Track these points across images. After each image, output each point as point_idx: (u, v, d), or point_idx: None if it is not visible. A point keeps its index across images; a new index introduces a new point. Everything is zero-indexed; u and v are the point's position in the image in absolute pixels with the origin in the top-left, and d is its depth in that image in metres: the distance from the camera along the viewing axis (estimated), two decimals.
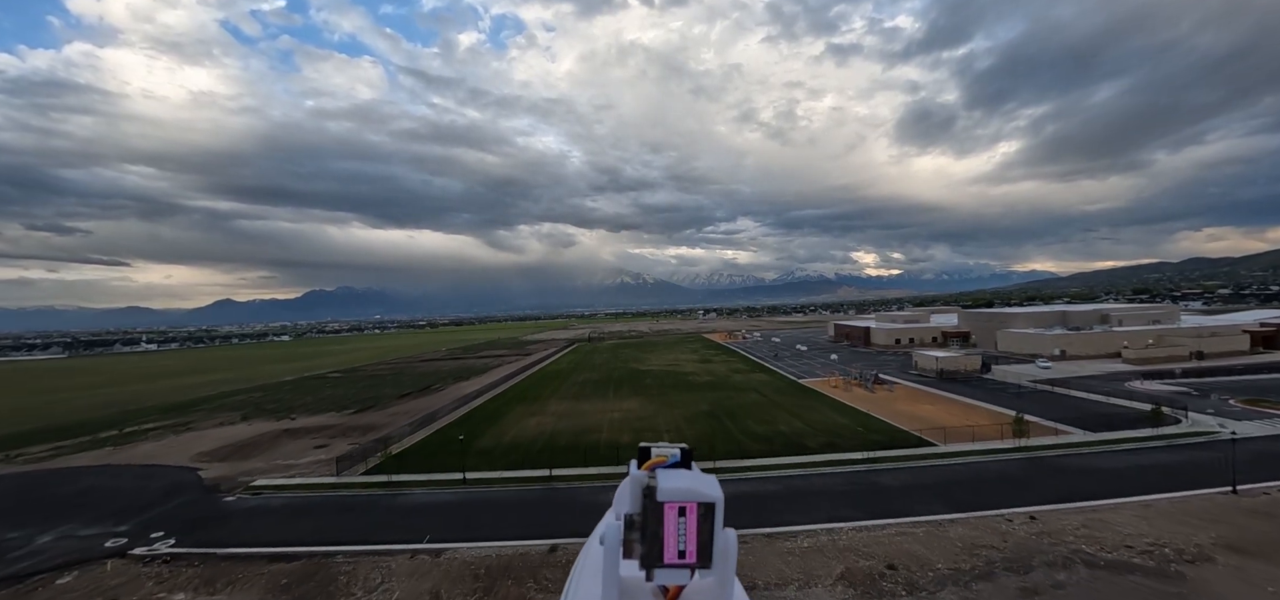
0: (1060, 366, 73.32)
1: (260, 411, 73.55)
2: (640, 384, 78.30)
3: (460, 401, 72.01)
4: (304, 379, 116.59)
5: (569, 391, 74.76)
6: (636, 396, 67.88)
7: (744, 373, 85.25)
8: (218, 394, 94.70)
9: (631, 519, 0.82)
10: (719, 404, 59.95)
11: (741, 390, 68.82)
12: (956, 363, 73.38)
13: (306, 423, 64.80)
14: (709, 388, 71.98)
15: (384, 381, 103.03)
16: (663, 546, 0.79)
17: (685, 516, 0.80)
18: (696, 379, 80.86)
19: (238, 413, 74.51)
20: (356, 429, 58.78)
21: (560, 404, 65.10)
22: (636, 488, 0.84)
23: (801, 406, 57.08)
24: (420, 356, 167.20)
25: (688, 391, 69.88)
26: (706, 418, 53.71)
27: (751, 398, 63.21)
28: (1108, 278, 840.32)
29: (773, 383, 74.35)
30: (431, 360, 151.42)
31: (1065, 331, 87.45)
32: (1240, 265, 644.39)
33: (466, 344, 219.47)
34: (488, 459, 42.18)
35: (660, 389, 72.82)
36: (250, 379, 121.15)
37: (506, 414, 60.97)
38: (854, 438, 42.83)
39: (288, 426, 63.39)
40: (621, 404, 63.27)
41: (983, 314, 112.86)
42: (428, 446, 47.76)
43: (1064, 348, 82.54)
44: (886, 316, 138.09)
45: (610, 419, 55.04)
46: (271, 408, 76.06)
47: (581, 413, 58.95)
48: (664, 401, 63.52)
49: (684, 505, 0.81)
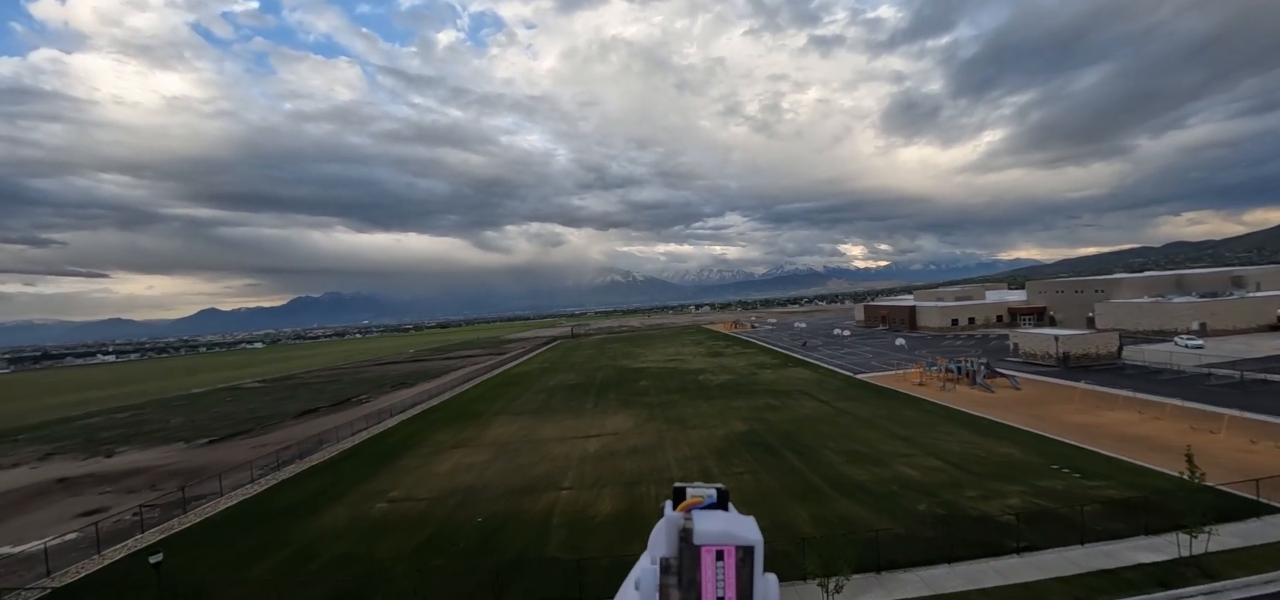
0: (1210, 345, 51.76)
1: (82, 444, 50.49)
2: (633, 388, 55.54)
3: (373, 419, 49.16)
4: (213, 391, 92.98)
5: (530, 403, 51.87)
6: (627, 409, 45.13)
7: (774, 368, 62.78)
8: (60, 420, 70.78)
9: (668, 563, 0.78)
10: (762, 421, 37.30)
11: (785, 394, 46.23)
12: (1087, 343, 51.28)
13: (122, 464, 42.10)
14: (734, 391, 49.31)
15: (304, 392, 79.87)
16: (701, 592, 0.76)
17: (723, 561, 0.77)
18: (710, 378, 58.20)
19: (51, 445, 51.48)
20: (183, 473, 36.48)
21: (509, 426, 42.18)
22: (672, 530, 0.79)
23: (900, 421, 34.66)
24: (379, 360, 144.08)
25: (703, 398, 47.17)
26: (751, 448, 31.03)
27: (807, 407, 40.66)
28: (1093, 263, 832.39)
29: (825, 381, 51.82)
30: (387, 363, 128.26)
31: (1196, 299, 65.77)
32: (1223, 248, 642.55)
33: (441, 345, 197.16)
34: (295, 564, 19.46)
35: (662, 396, 50.08)
36: (152, 393, 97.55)
37: (419, 444, 38.05)
38: (1068, 491, 20.55)
39: (88, 470, 40.86)
40: (604, 422, 40.54)
41: (1069, 283, 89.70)
42: (204, 534, 24.81)
43: (1204, 319, 60.84)
44: (928, 295, 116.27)
45: (583, 453, 32.37)
46: (107, 437, 52.91)
47: (537, 443, 36.11)
48: (670, 417, 40.81)
49: (722, 548, 0.77)
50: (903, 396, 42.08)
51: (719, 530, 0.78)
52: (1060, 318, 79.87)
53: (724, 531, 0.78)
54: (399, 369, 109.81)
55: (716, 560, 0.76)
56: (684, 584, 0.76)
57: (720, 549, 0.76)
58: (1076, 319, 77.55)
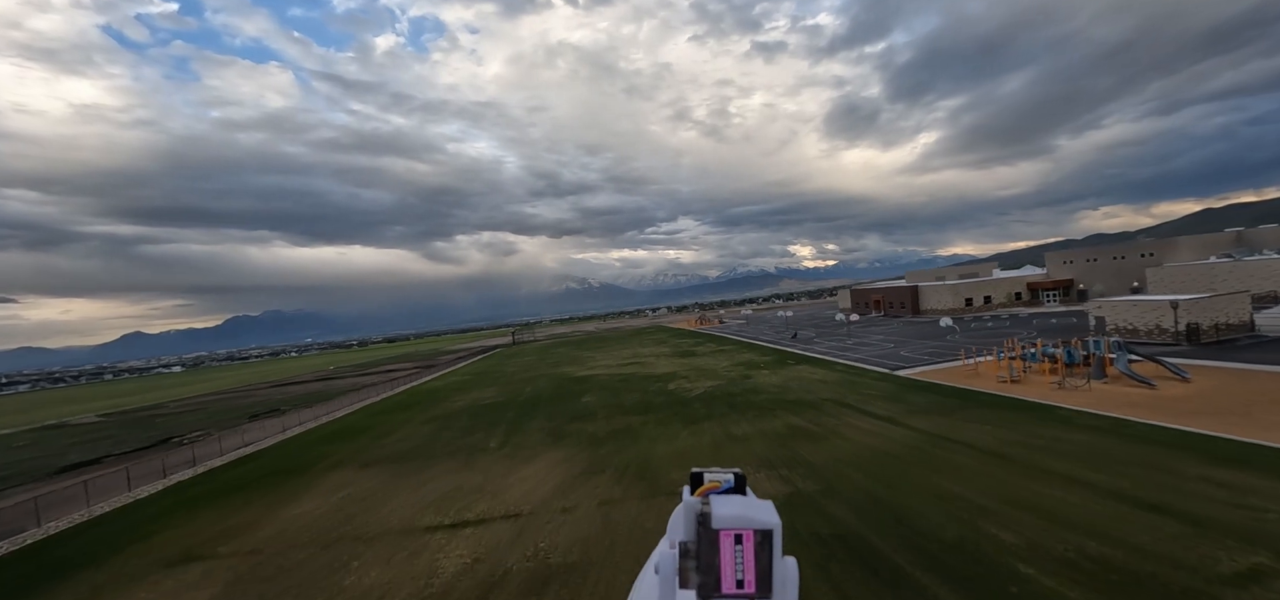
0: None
1: None
2: (571, 409, 36.97)
3: (142, 479, 28.92)
4: (36, 430, 69.27)
5: (405, 441, 32.58)
6: (555, 446, 26.63)
7: (771, 367, 45.58)
8: None
9: (686, 547, 0.76)
10: (796, 465, 19.69)
11: (811, 409, 28.70)
12: (1213, 310, 36.29)
13: None
14: (726, 406, 31.51)
15: (138, 430, 57.94)
16: (720, 576, 0.74)
17: (742, 544, 0.75)
18: (686, 387, 40.40)
19: None
20: None
21: (333, 495, 22.74)
22: (690, 514, 0.78)
23: (1077, 456, 17.46)
24: (285, 380, 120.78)
25: (680, 421, 28.97)
26: (813, 551, 13.08)
27: (864, 433, 23.16)
28: (1025, 256, 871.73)
29: (859, 384, 34.66)
30: (287, 385, 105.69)
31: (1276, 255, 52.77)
32: (1136, 238, 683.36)
33: (369, 361, 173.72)
34: None
35: (614, 418, 31.60)
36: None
37: (131, 546, 18.75)
38: None
39: None
40: (508, 480, 21.73)
41: (1105, 249, 74.42)
42: None
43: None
44: (918, 276, 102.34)
45: (454, 569, 14.20)
46: None
47: (354, 540, 17.18)
48: (626, 465, 22.50)
49: (740, 532, 0.75)
50: (1017, 404, 25.39)
51: (737, 514, 0.77)
52: (1098, 289, 66.47)
53: (742, 515, 0.77)
54: (295, 392, 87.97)
55: (735, 544, 0.75)
56: (703, 568, 0.75)
57: (738, 533, 0.75)
58: (1117, 289, 64.12)
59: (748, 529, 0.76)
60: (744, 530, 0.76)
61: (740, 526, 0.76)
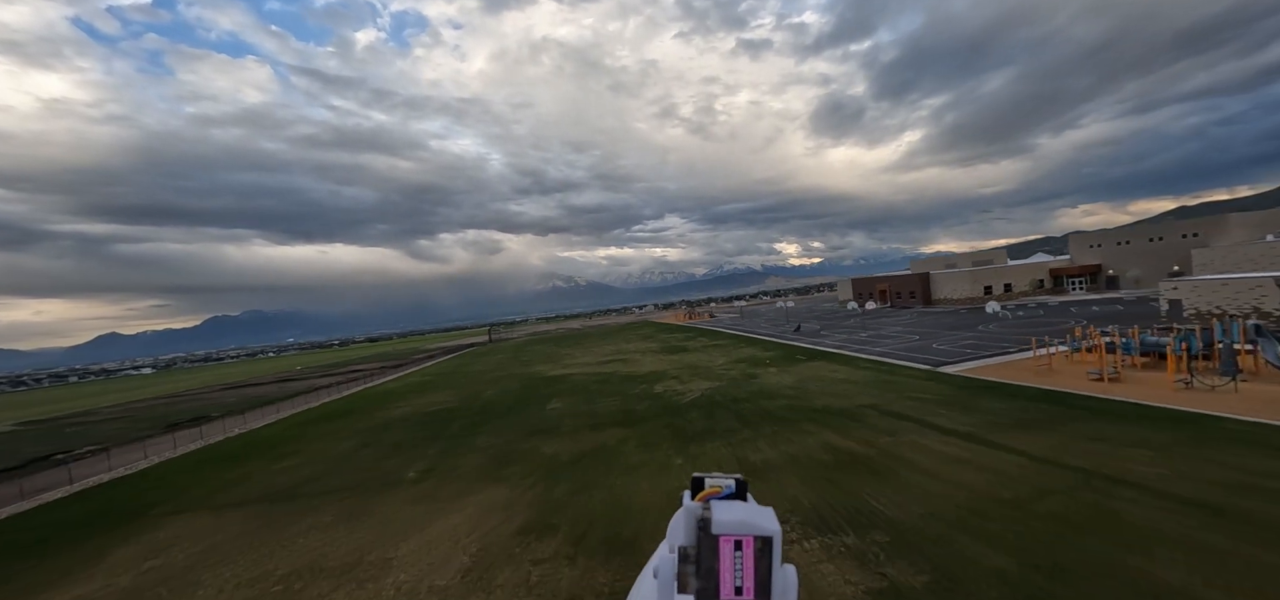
0: None
1: None
2: (535, 420, 28.85)
3: None
4: None
5: (310, 467, 24.45)
6: (503, 477, 18.82)
7: (780, 365, 37.92)
8: None
9: (686, 552, 0.74)
10: (868, 518, 11.98)
11: (850, 420, 21.18)
12: None
13: None
14: (733, 416, 23.71)
15: (32, 442, 49.18)
16: (718, 582, 0.72)
17: (741, 551, 0.73)
18: (677, 391, 32.69)
19: None
20: None
21: (127, 571, 15.06)
22: (690, 520, 0.76)
23: None
24: (246, 382, 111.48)
25: (670, 441, 21.23)
26: None
27: (950, 461, 15.66)
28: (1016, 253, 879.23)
29: (905, 386, 26.85)
30: (244, 387, 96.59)
31: None
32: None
33: (341, 361, 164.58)
34: None
35: (582, 436, 23.86)
36: None
37: None
38: None
39: None
40: (426, 536, 13.82)
41: (1139, 230, 67.30)
42: None
43: None
44: (923, 265, 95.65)
45: None
46: None
47: None
48: (598, 508, 14.86)
49: (740, 539, 0.73)
50: (1150, 414, 17.87)
51: (737, 520, 0.76)
52: (1133, 274, 60.11)
53: (742, 522, 0.76)
54: (246, 395, 79.10)
55: (735, 550, 0.74)
56: (702, 573, 0.74)
57: (739, 539, 0.74)
58: (1154, 274, 57.69)
59: (748, 536, 0.75)
60: (744, 537, 0.75)
61: (741, 533, 0.75)
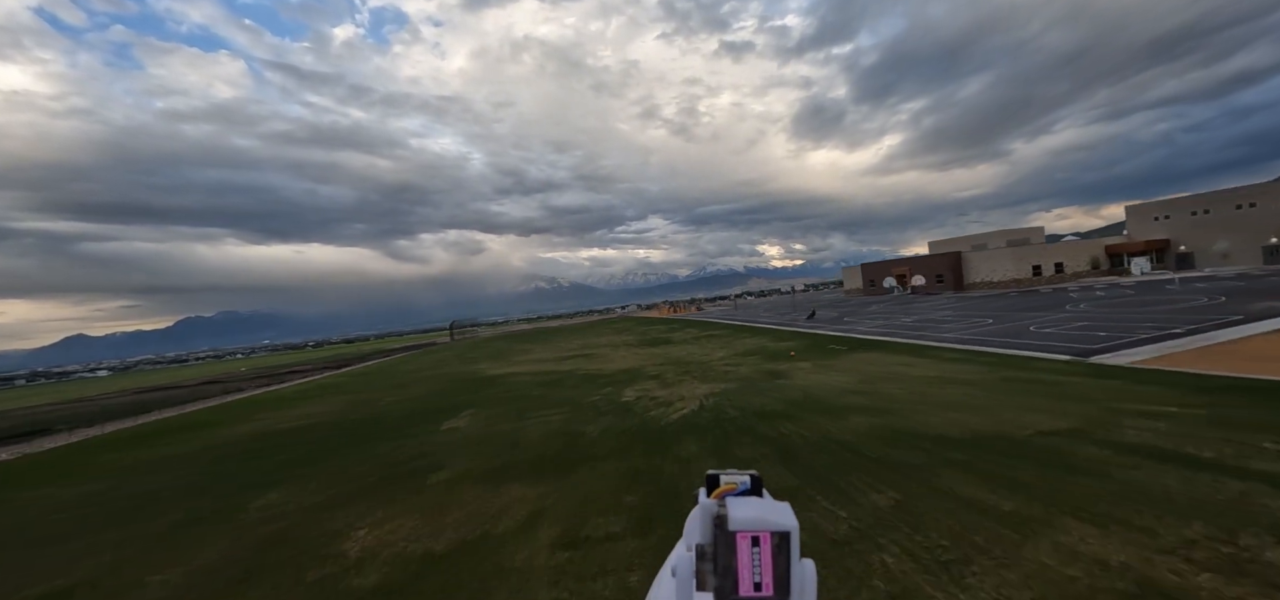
0: None
1: None
2: (405, 455, 15.78)
3: None
4: None
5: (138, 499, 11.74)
6: None
7: (813, 358, 25.90)
8: None
9: (703, 549, 0.74)
10: None
11: (1064, 467, 8.31)
12: None
13: None
14: (776, 451, 10.95)
15: None
16: (737, 578, 0.72)
17: (759, 547, 0.72)
18: (661, 403, 20.36)
19: None
20: None
21: None
22: (707, 517, 0.75)
23: None
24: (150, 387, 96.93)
25: (648, 493, 8.29)
26: None
27: None
28: None
29: (1077, 389, 14.81)
30: (164, 388, 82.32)
31: None
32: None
33: (283, 364, 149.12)
34: None
35: (465, 496, 10.73)
36: None
37: None
38: None
39: None
40: None
41: (1216, 197, 53.28)
42: None
43: None
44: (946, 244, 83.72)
45: None
46: None
47: None
48: None
49: (757, 535, 0.73)
50: None
51: (754, 516, 0.76)
52: (1220, 247, 49.30)
53: (759, 518, 0.76)
54: (144, 399, 64.85)
55: (752, 546, 0.74)
56: (720, 570, 0.73)
57: (756, 535, 0.74)
58: (1245, 247, 46.85)
59: (765, 531, 0.73)
60: (761, 532, 0.73)
61: (758, 529, 0.73)
